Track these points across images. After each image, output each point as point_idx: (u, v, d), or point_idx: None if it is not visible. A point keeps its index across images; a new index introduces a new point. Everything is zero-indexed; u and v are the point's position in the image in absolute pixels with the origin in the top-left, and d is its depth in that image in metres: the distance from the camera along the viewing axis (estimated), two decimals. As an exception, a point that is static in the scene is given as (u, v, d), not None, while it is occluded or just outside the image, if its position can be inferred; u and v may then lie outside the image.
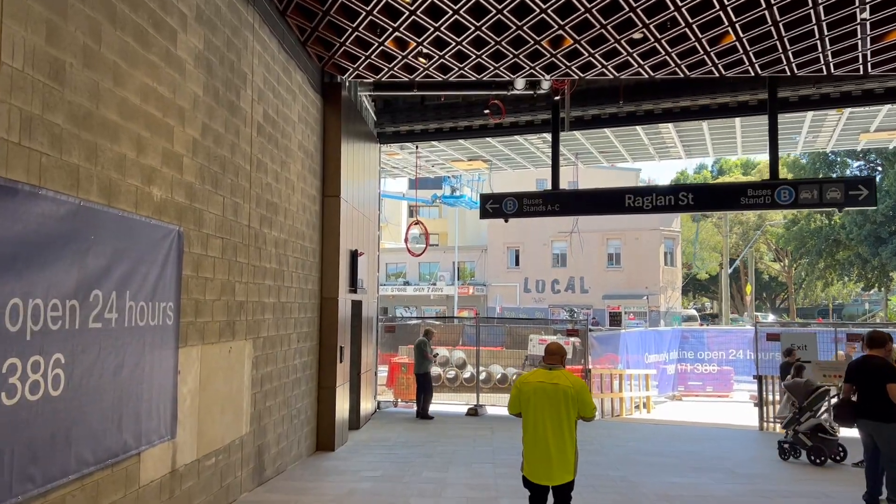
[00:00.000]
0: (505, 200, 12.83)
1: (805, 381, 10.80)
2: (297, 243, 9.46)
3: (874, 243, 42.01)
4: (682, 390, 19.71)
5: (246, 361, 7.53)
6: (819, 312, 68.60)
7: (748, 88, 12.33)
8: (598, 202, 12.44)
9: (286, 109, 8.94)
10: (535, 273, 45.99)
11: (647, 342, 18.07)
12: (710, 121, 13.64)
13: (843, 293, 62.53)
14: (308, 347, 10.09)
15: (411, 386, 17.29)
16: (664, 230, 44.45)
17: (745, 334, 19.78)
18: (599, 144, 15.49)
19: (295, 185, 9.35)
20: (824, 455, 10.13)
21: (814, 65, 10.07)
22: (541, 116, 13.72)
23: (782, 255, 61.17)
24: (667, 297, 43.90)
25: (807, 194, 11.17)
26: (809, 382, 10.76)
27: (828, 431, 10.21)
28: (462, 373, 21.53)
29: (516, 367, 23.12)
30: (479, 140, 15.20)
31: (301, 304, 9.68)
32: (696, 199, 11.82)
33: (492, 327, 28.23)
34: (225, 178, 6.89)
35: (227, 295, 6.94)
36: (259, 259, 7.91)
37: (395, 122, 14.67)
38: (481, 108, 13.96)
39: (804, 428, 10.34)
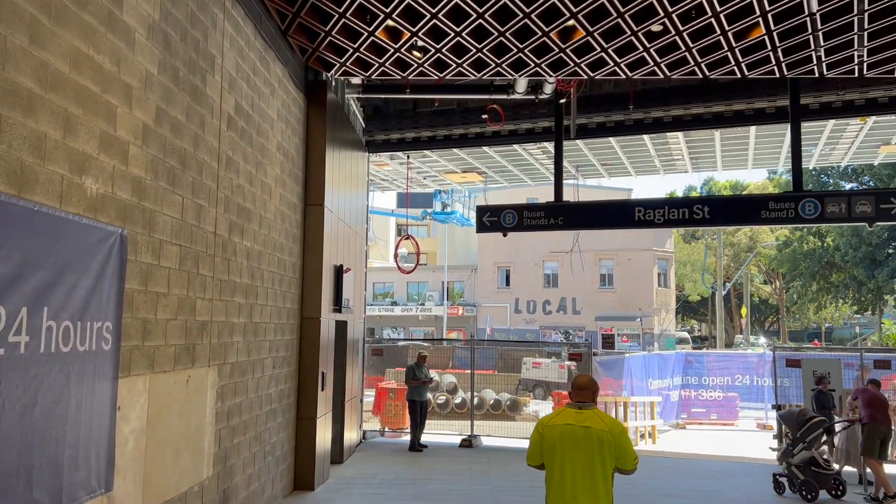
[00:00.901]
0: (503, 213, 11.83)
1: (799, 411, 10.32)
2: (274, 256, 8.39)
3: (870, 266, 41.40)
4: (686, 418, 18.67)
5: (208, 392, 6.42)
6: (809, 336, 67.97)
7: (766, 94, 11.44)
8: (606, 215, 11.46)
9: (263, 104, 7.91)
10: (526, 293, 44.96)
11: (650, 367, 17.05)
12: (723, 130, 12.75)
13: (835, 316, 61.85)
14: (285, 374, 8.98)
15: (399, 413, 16.13)
16: (657, 251, 43.64)
17: (751, 359, 18.81)
18: (603, 156, 14.56)
19: (272, 189, 8.30)
20: (815, 490, 9.56)
21: (846, 65, 9.18)
22: (542, 124, 12.77)
23: (773, 277, 60.56)
24: (660, 319, 42.97)
25: (834, 208, 10.25)
26: (804, 412, 10.26)
27: (821, 465, 9.70)
28: (453, 398, 20.40)
29: (510, 391, 22.04)
30: (475, 150, 14.22)
31: (278, 324, 8.59)
32: (712, 213, 10.87)
33: (483, 349, 27.14)
34: (185, 175, 5.83)
35: (185, 314, 5.85)
36: (227, 272, 6.83)
37: (386, 129, 13.68)
38: (478, 114, 13.00)
39: (797, 461, 9.84)
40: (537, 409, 20.88)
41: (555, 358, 25.19)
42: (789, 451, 9.98)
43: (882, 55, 8.85)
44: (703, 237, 59.21)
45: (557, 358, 25.16)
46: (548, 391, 24.94)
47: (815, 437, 9.84)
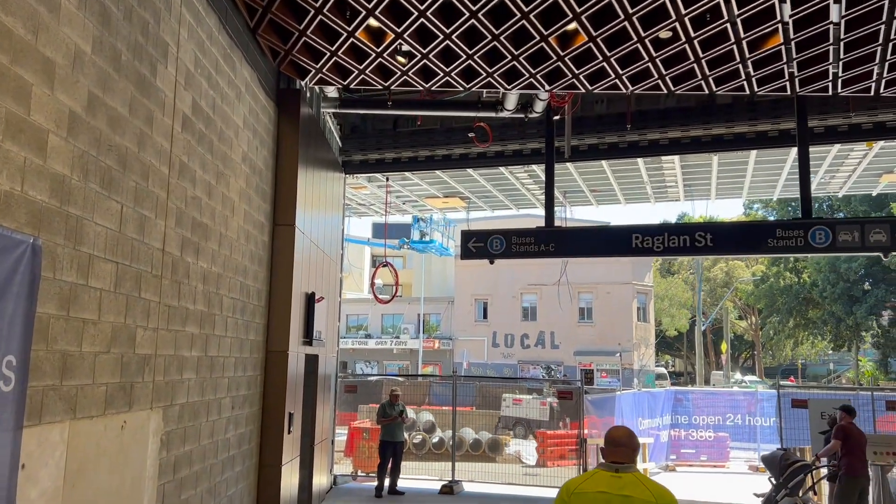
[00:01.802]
0: (490, 239, 10.95)
1: (782, 455, 9.91)
2: (236, 280, 7.40)
3: (848, 302, 41.22)
4: (675, 459, 17.74)
5: (150, 440, 5.37)
6: (783, 372, 67.73)
7: (770, 116, 10.81)
8: (601, 243, 10.65)
9: (227, 108, 6.99)
10: (503, 327, 44.01)
11: (640, 405, 16.17)
12: (721, 156, 12.09)
13: (811, 353, 61.74)
14: (247, 415, 7.93)
15: (374, 455, 15.01)
16: (637, 284, 43.09)
17: (743, 397, 18.01)
18: (593, 181, 13.82)
19: (236, 205, 7.34)
20: None
21: (862, 82, 8.53)
22: (531, 145, 12.00)
23: (748, 312, 60.36)
24: (640, 354, 42.24)
25: (846, 236, 9.53)
26: (787, 455, 9.84)
27: None
28: (430, 437, 19.29)
29: (489, 430, 20.98)
30: (459, 173, 13.40)
31: (239, 359, 7.57)
32: (714, 241, 10.10)
33: (460, 385, 26.06)
34: (126, 178, 4.87)
35: (121, 346, 4.84)
36: (178, 297, 5.84)
37: (364, 149, 12.82)
38: (462, 134, 12.21)
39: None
40: (518, 449, 19.83)
41: (536, 394, 24.20)
42: (772, 497, 9.49)
43: (903, 71, 8.21)
44: (680, 271, 59.01)
45: (539, 394, 24.18)
46: (528, 430, 23.91)
47: (798, 482, 9.37)
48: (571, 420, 22.32)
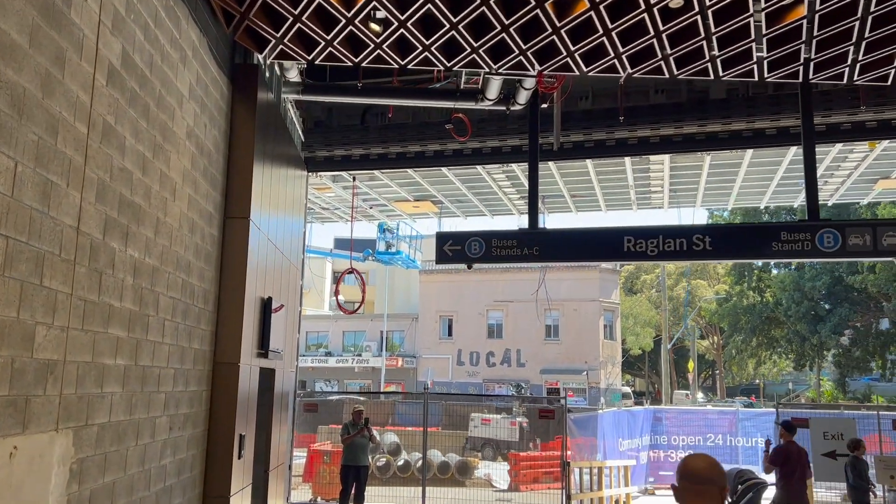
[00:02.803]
0: (469, 241, 9.93)
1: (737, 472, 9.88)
2: (177, 277, 6.24)
3: (812, 321, 41.17)
4: (653, 482, 16.83)
5: (55, 471, 4.19)
6: (743, 391, 67.84)
7: (768, 113, 10.08)
8: (590, 246, 9.70)
9: (168, 70, 5.88)
10: (469, 344, 42.92)
11: (620, 425, 15.24)
12: (714, 157, 11.32)
13: (773, 372, 61.98)
14: (189, 438, 6.73)
15: (336, 480, 13.78)
16: (604, 301, 42.47)
17: (724, 417, 17.23)
18: (575, 184, 12.94)
19: (178, 187, 6.20)
20: None
21: (883, 67, 7.78)
22: (511, 142, 11.07)
23: (710, 331, 60.33)
24: (607, 372, 41.54)
25: (857, 239, 8.76)
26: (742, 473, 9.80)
27: None
28: (395, 460, 18.08)
29: (456, 451, 19.86)
30: (432, 173, 12.40)
31: (180, 371, 6.39)
32: (714, 245, 9.24)
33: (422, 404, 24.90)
34: (23, 128, 3.74)
35: (11, 347, 3.68)
36: (98, 291, 4.68)
37: (329, 144, 11.74)
38: (436, 129, 11.23)
39: None
40: (488, 472, 18.73)
41: (505, 414, 23.15)
42: None
43: (927, 55, 7.49)
44: (643, 290, 58.74)
45: (508, 414, 23.13)
46: (497, 451, 22.82)
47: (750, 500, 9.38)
48: (542, 441, 21.37)
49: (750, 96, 10.29)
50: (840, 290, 40.91)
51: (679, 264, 59.55)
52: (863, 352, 44.64)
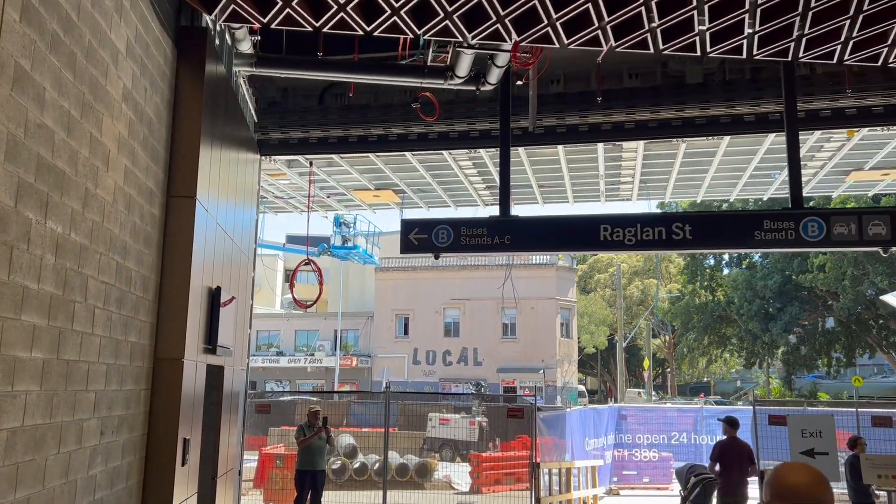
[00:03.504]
0: (436, 229, 9.30)
1: (689, 468, 9.95)
2: (111, 259, 5.44)
3: (764, 319, 41.72)
4: (617, 482, 16.45)
5: (-55, 489, 3.39)
6: (692, 389, 68.83)
7: (748, 98, 9.68)
8: (565, 235, 9.15)
9: (99, 16, 5.08)
10: (425, 343, 42.23)
11: (587, 424, 14.78)
12: (690, 145, 10.90)
13: (723, 370, 62.99)
14: (124, 443, 5.92)
15: (289, 486, 12.99)
16: (560, 300, 42.31)
17: (691, 414, 16.96)
18: (544, 173, 12.41)
19: (112, 156, 5.40)
20: None
21: (875, 45, 7.40)
22: (480, 126, 10.46)
23: (663, 330, 60.93)
24: (563, 370, 41.36)
25: (842, 228, 8.40)
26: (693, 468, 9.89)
27: None
28: (352, 463, 17.34)
29: (414, 452, 19.20)
30: (395, 159, 11.71)
31: (114, 367, 5.59)
32: (695, 234, 8.80)
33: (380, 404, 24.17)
34: None
35: None
36: (8, 269, 3.89)
37: (284, 126, 10.95)
38: (400, 111, 10.57)
39: None
40: (448, 473, 18.12)
41: (464, 413, 22.58)
42: None
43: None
44: (597, 289, 58.94)
45: (467, 413, 22.57)
46: (456, 451, 22.24)
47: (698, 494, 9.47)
48: (502, 440, 20.87)
49: (727, 81, 9.89)
50: (790, 289, 41.56)
51: (633, 263, 60.06)
52: (810, 350, 45.54)
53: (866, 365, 59.77)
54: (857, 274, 36.42)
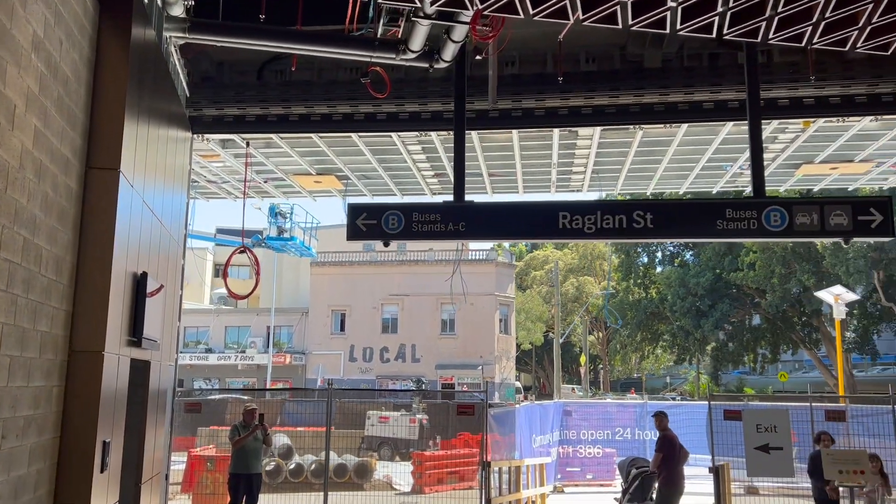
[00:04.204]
0: (386, 215, 8.69)
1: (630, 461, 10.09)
2: (17, 235, 4.65)
3: (696, 316, 42.57)
4: (561, 479, 16.18)
5: None
6: (623, 385, 70.09)
7: (707, 84, 9.45)
8: (522, 222, 8.69)
9: (4, -55, 4.29)
10: (362, 340, 41.38)
11: (533, 420, 14.42)
12: (647, 133, 10.61)
13: (655, 366, 64.33)
14: (32, 448, 5.12)
15: (220, 490, 12.17)
16: (499, 296, 42.17)
17: (632, 410, 16.84)
18: (495, 160, 11.93)
19: (19, 113, 4.61)
20: None
21: (846, 28, 7.20)
22: (433, 107, 9.90)
23: (595, 327, 61.71)
24: (501, 367, 41.24)
25: (804, 218, 8.21)
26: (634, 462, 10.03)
27: None
28: (287, 464, 16.55)
29: (352, 452, 18.54)
30: (340, 141, 11.03)
31: (19, 360, 4.80)
32: (656, 222, 8.47)
33: (316, 402, 23.39)
34: None
35: None
36: None
37: (218, 102, 10.15)
38: (346, 89, 9.92)
39: None
40: (388, 473, 17.52)
41: (404, 411, 22.02)
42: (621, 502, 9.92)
43: (893, 17, 6.94)
44: (533, 286, 59.22)
45: (408, 411, 22.01)
46: (395, 450, 21.66)
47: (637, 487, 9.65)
48: (443, 438, 20.41)
49: (686, 67, 9.63)
50: (721, 287, 42.54)
51: (568, 261, 60.61)
52: (737, 346, 46.79)
53: (788, 361, 62.01)
54: (785, 272, 37.47)
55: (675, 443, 9.51)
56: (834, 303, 19.57)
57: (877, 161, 11.59)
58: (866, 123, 10.00)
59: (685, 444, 15.97)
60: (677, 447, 9.49)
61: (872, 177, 12.35)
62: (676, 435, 9.76)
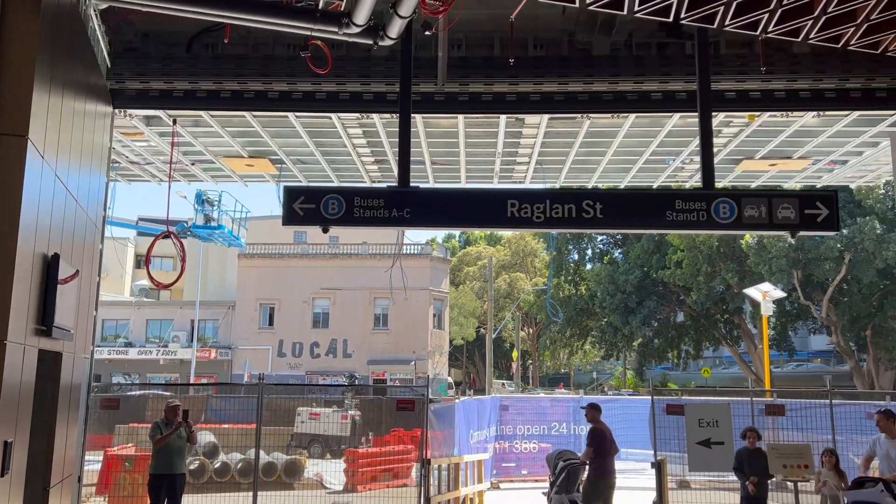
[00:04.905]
0: (326, 199, 8.19)
1: (557, 453, 10.11)
2: None
3: (624, 312, 43.32)
4: (496, 474, 15.97)
5: None
6: (551, 380, 71.06)
7: (657, 74, 9.30)
8: (469, 210, 8.33)
9: None
10: (292, 334, 40.35)
11: (470, 416, 14.12)
12: (593, 124, 10.41)
13: (582, 362, 65.38)
14: (-87, 451, 4.43)
15: (139, 492, 11.38)
16: (433, 290, 41.88)
17: (568, 404, 16.77)
18: (439, 147, 11.53)
19: None
20: None
21: (801, 18, 7.12)
22: (375, 87, 9.43)
23: (527, 323, 62.28)
24: (434, 362, 40.98)
25: (752, 211, 8.15)
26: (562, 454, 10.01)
27: None
28: (212, 463, 15.76)
29: (281, 450, 17.84)
30: (275, 121, 10.42)
31: None
32: (605, 213, 8.25)
33: (243, 398, 22.52)
34: None
35: None
36: None
37: (144, 73, 9.40)
38: (283, 65, 9.37)
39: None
40: (319, 471, 16.93)
41: (336, 407, 21.40)
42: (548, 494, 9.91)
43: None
44: (466, 281, 59.23)
45: (339, 407, 21.40)
46: (326, 447, 21.03)
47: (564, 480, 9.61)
48: (375, 435, 19.92)
49: (636, 55, 9.47)
50: (649, 284, 43.44)
51: (500, 258, 60.88)
52: (662, 342, 47.96)
53: (709, 357, 64.09)
54: (710, 270, 38.49)
55: (605, 435, 9.50)
56: (762, 300, 20.04)
57: (814, 158, 11.76)
58: (808, 120, 10.07)
59: (620, 438, 15.98)
60: (608, 440, 9.49)
61: (808, 174, 12.55)
62: (609, 428, 9.78)
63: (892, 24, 7.23)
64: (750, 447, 8.63)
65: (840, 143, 11.06)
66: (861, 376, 38.13)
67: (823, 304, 35.65)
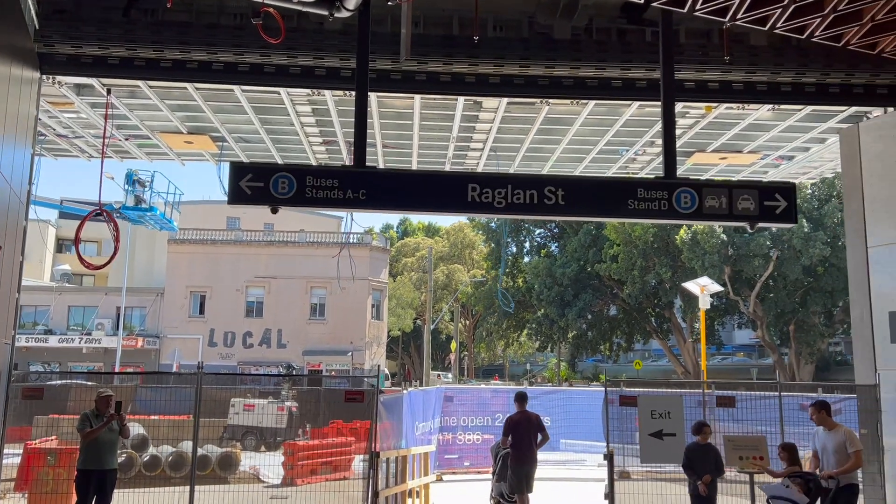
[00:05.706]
0: (275, 178, 7.71)
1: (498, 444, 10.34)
2: None
3: (560, 305, 43.81)
4: (440, 466, 15.71)
5: None
6: (485, 372, 71.53)
7: (619, 60, 9.15)
8: (428, 193, 7.98)
9: None
10: (224, 324, 39.10)
11: (415, 407, 13.79)
12: (551, 110, 10.21)
13: (518, 353, 65.97)
14: None
15: (63, 488, 10.64)
16: (372, 280, 41.28)
17: (509, 395, 16.62)
18: (392, 129, 11.11)
19: None
20: None
21: (767, 6, 7.04)
22: (329, 62, 8.97)
23: (464, 314, 62.37)
24: (372, 353, 40.46)
25: (713, 201, 8.09)
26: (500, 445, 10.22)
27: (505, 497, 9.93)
28: (141, 456, 14.98)
29: (214, 442, 17.14)
30: (220, 94, 9.81)
31: None
32: (567, 199, 8.05)
33: (174, 388, 21.61)
34: None
35: None
36: None
37: (76, 38, 8.69)
38: (229, 35, 8.84)
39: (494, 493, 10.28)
40: (254, 464, 16.32)
41: (272, 398, 20.75)
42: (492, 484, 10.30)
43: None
44: (404, 272, 58.81)
45: (275, 398, 20.76)
46: (261, 440, 20.37)
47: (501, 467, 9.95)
48: (313, 426, 19.40)
49: (596, 41, 9.29)
50: (585, 278, 44.05)
51: (438, 249, 60.69)
52: (596, 335, 48.78)
53: (639, 350, 65.63)
54: (645, 265, 39.24)
55: (519, 422, 9.76)
56: (700, 293, 20.40)
57: (763, 153, 11.88)
58: (763, 113, 10.12)
59: (562, 430, 15.89)
60: (523, 426, 9.72)
61: (755, 169, 12.69)
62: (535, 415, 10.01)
63: (857, 17, 7.24)
64: (701, 443, 8.37)
65: (790, 139, 11.19)
66: (783, 369, 39.59)
67: (751, 300, 36.82)
